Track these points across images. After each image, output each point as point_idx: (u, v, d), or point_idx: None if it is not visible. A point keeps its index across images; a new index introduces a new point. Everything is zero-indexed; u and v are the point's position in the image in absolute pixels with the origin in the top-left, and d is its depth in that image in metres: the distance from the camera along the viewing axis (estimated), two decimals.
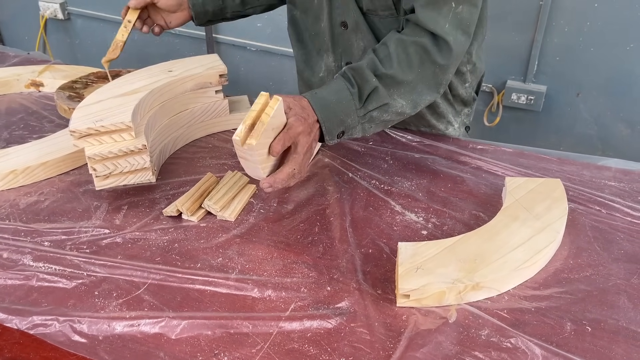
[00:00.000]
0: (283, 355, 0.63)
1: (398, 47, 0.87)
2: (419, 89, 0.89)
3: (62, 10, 2.70)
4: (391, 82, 0.87)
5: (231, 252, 0.79)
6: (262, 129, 0.73)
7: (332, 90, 0.85)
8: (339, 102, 0.84)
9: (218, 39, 2.39)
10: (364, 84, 0.85)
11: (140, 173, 0.88)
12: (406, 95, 0.88)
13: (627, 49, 1.72)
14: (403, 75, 0.87)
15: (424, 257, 0.72)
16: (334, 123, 0.84)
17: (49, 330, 0.66)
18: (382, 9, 0.97)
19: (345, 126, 0.86)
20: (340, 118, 0.84)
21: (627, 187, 0.95)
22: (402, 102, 0.88)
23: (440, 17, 0.86)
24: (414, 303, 0.69)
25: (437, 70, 0.89)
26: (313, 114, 0.82)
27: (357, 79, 0.85)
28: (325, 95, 0.84)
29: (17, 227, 0.83)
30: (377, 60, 0.87)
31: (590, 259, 0.78)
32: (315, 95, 0.84)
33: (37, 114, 1.19)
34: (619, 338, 0.65)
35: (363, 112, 0.86)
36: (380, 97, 0.86)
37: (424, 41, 0.87)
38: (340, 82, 0.86)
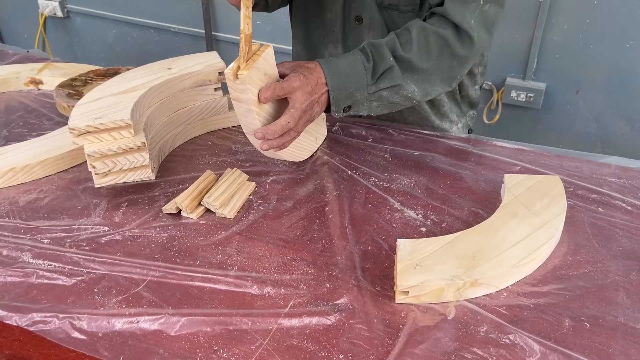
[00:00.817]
0: (282, 352, 0.63)
1: (420, 34, 0.88)
2: (433, 79, 0.90)
3: (62, 8, 2.70)
4: (407, 66, 0.87)
5: (230, 250, 0.79)
6: (254, 63, 0.75)
7: (347, 61, 0.85)
8: (351, 74, 0.84)
9: (217, 37, 2.39)
10: (380, 60, 0.86)
11: (139, 170, 0.88)
12: (419, 83, 0.89)
13: (626, 46, 1.72)
14: (420, 62, 0.87)
15: (422, 254, 0.72)
16: (343, 94, 0.84)
17: (48, 327, 0.66)
18: (405, 4, 0.97)
19: (353, 100, 0.86)
20: (350, 90, 0.85)
21: (626, 183, 0.95)
22: (414, 87, 0.89)
23: (467, 12, 0.88)
24: (413, 300, 0.69)
25: (454, 63, 0.90)
26: (322, 77, 0.83)
27: (374, 54, 0.86)
28: (340, 65, 0.84)
29: (17, 225, 0.83)
30: (398, 42, 0.87)
31: (589, 256, 0.78)
32: (329, 62, 0.84)
33: (36, 112, 1.19)
34: (617, 334, 0.66)
35: (374, 89, 0.87)
36: (394, 77, 0.86)
37: (446, 33, 0.88)
38: (356, 55, 0.86)
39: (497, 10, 0.91)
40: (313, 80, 0.82)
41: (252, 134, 0.83)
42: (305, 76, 0.81)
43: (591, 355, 0.63)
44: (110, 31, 2.67)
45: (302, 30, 1.15)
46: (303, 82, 0.81)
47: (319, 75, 0.83)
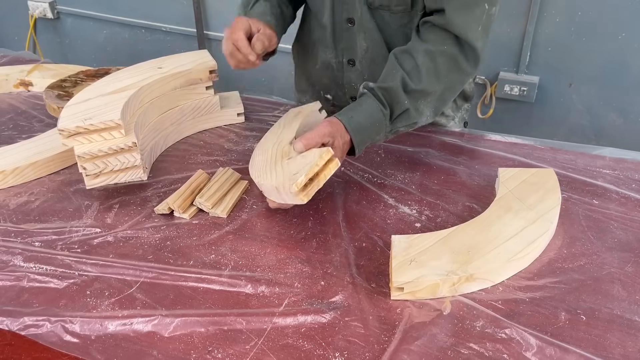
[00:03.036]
0: (277, 351, 0.62)
1: (425, 58, 0.87)
2: (444, 97, 0.91)
3: (52, 10, 2.68)
4: (419, 95, 0.88)
5: (224, 249, 0.78)
6: (316, 188, 0.75)
7: (366, 114, 0.86)
8: (372, 124, 0.86)
9: (209, 36, 2.38)
10: (395, 105, 0.87)
11: (131, 171, 0.87)
12: (432, 104, 0.90)
13: (618, 38, 1.72)
14: (431, 86, 0.88)
15: (417, 250, 0.72)
16: (366, 143, 0.87)
17: (40, 331, 0.65)
18: (396, 4, 0.95)
19: (373, 142, 0.89)
20: (372, 138, 0.87)
21: (621, 175, 0.95)
22: (427, 112, 0.90)
23: (472, 20, 0.86)
24: (408, 296, 0.69)
25: (463, 77, 0.90)
26: (345, 135, 0.84)
27: (388, 99, 0.87)
28: (361, 120, 0.86)
29: (7, 228, 0.82)
30: (406, 77, 0.87)
31: (584, 248, 0.78)
32: (351, 120, 0.85)
33: (26, 114, 1.18)
34: (614, 326, 0.65)
35: (391, 129, 0.89)
36: (410, 117, 0.89)
37: (452, 51, 0.87)
38: (373, 103, 0.87)
39: (497, 12, 0.89)
40: (339, 141, 0.84)
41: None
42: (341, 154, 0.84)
43: (588, 348, 0.62)
44: (101, 32, 2.65)
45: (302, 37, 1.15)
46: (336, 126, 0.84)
47: (342, 134, 0.84)
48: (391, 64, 0.90)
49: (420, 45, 0.89)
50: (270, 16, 1.00)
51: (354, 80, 1.09)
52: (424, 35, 0.90)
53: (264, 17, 0.99)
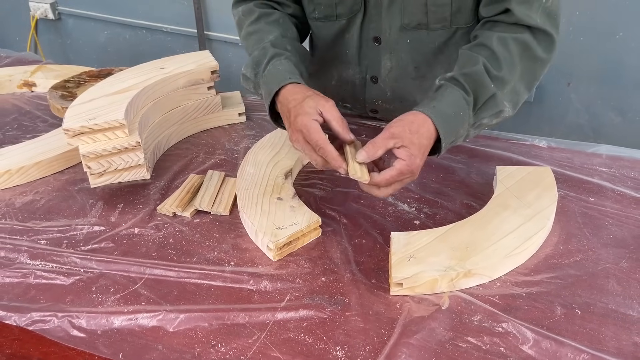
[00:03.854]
0: (279, 345, 0.64)
1: (499, 45, 0.82)
2: (518, 88, 0.84)
3: (53, 10, 2.70)
4: (500, 83, 0.81)
5: (226, 246, 0.80)
6: (289, 251, 0.77)
7: (450, 102, 0.78)
8: (457, 114, 0.78)
9: (210, 36, 2.39)
10: (480, 90, 0.80)
11: (134, 170, 0.89)
12: (509, 96, 0.82)
13: (616, 37, 1.73)
14: (509, 74, 0.82)
15: (416, 246, 0.73)
16: (451, 137, 0.78)
17: (47, 326, 0.66)
18: (435, 21, 0.94)
19: (457, 137, 0.79)
20: (456, 130, 0.78)
21: (617, 172, 0.96)
22: (506, 104, 0.82)
23: (531, 12, 0.84)
24: (407, 291, 0.70)
25: (536, 65, 0.85)
26: (424, 129, 0.76)
27: (471, 85, 0.80)
28: (445, 109, 0.78)
29: (14, 227, 0.84)
30: (487, 62, 0.81)
31: (580, 245, 0.79)
32: (435, 110, 0.77)
33: (30, 114, 1.20)
34: (608, 321, 0.67)
35: (474, 120, 0.81)
36: (497, 103, 0.81)
37: (524, 37, 0.83)
38: (455, 91, 0.79)
39: (557, 3, 0.86)
40: (417, 140, 0.75)
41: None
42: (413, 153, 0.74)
43: (583, 341, 0.64)
44: (102, 32, 2.66)
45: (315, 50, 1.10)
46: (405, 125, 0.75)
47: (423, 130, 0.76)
48: (466, 55, 0.84)
49: (491, 34, 0.85)
50: (299, 75, 0.87)
51: (375, 96, 1.08)
52: (490, 28, 0.87)
53: (295, 76, 0.86)
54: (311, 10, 1.01)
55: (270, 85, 0.85)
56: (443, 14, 0.94)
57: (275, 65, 0.87)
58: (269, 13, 0.98)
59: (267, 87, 0.85)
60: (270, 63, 0.87)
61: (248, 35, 0.97)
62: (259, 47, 0.92)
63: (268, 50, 0.90)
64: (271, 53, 0.89)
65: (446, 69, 1.02)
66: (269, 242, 0.75)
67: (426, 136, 0.75)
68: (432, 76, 1.03)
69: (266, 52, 0.89)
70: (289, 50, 0.91)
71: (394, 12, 0.95)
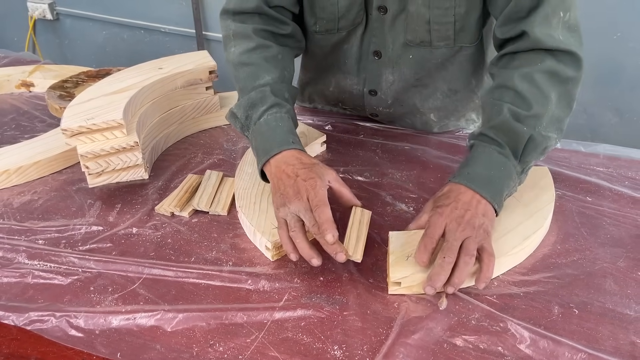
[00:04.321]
0: (277, 345, 0.64)
1: (522, 82, 0.79)
2: (557, 114, 0.80)
3: (51, 11, 2.70)
4: (535, 121, 0.77)
5: (224, 246, 0.80)
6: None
7: (483, 163, 0.75)
8: (497, 171, 0.75)
9: (208, 36, 2.39)
10: (514, 138, 0.76)
11: (132, 170, 0.89)
12: (550, 127, 0.79)
13: (614, 38, 1.74)
14: (542, 108, 0.78)
15: (414, 246, 0.73)
16: (502, 194, 0.75)
17: (45, 326, 0.66)
18: (438, 39, 0.94)
19: (510, 190, 0.77)
20: (505, 185, 0.75)
21: (614, 172, 0.96)
22: (552, 134, 0.80)
23: (551, 29, 0.80)
24: (405, 290, 0.70)
25: (569, 86, 0.81)
26: (469, 192, 0.73)
27: (503, 137, 0.76)
28: (481, 171, 0.74)
29: (12, 227, 0.84)
30: (512, 107, 0.78)
31: (577, 244, 0.79)
32: (469, 176, 0.74)
33: (28, 114, 1.20)
34: (605, 320, 0.67)
35: (521, 168, 0.78)
36: (538, 143, 0.77)
37: (547, 64, 0.80)
38: (487, 149, 0.76)
39: (576, 14, 0.83)
40: (458, 202, 0.72)
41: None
42: (445, 206, 0.72)
43: (580, 341, 0.64)
44: (101, 33, 2.66)
45: (312, 57, 1.09)
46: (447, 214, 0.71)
47: (459, 193, 0.73)
48: (489, 105, 0.81)
49: (510, 73, 0.81)
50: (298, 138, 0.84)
51: (375, 104, 1.07)
52: (508, 65, 0.84)
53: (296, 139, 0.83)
54: (312, 24, 1.00)
55: (268, 143, 0.81)
56: (446, 33, 0.93)
57: (274, 118, 0.83)
58: (267, 46, 0.92)
59: (265, 143, 0.82)
60: (267, 113, 0.84)
61: (241, 65, 0.91)
62: (255, 86, 0.87)
63: (267, 97, 0.85)
64: (270, 102, 0.85)
65: (448, 82, 1.02)
66: (267, 241, 0.75)
67: (466, 199, 0.73)
68: (434, 86, 1.03)
69: (264, 98, 0.85)
70: (286, 100, 0.88)
71: (397, 28, 0.95)
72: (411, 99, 1.05)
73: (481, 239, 0.70)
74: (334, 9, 0.95)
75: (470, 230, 0.70)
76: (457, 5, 0.90)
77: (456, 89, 1.04)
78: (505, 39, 0.86)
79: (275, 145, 0.81)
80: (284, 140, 0.81)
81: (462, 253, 0.68)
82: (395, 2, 0.92)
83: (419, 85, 1.03)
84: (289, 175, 0.76)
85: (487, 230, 0.71)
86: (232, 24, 0.95)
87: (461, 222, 0.70)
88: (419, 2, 0.90)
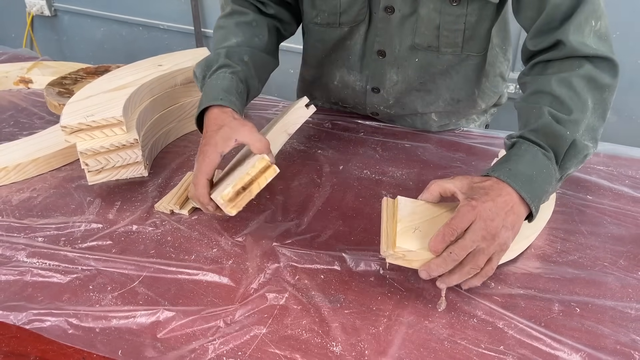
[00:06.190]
0: (278, 342, 0.64)
1: (561, 86, 0.76)
2: (593, 123, 0.76)
3: (49, 7, 2.69)
4: (574, 127, 0.73)
5: (224, 243, 0.80)
6: (248, 199, 0.73)
7: (527, 162, 0.71)
8: (539, 173, 0.70)
9: (206, 33, 2.38)
10: (557, 142, 0.72)
11: (132, 167, 0.88)
12: (587, 135, 0.75)
13: (613, 36, 1.73)
14: (581, 114, 0.74)
15: (422, 218, 0.68)
16: (541, 198, 0.70)
17: (44, 325, 0.66)
18: (446, 46, 0.93)
19: (547, 195, 0.72)
20: (545, 189, 0.71)
21: (614, 171, 0.96)
22: (589, 143, 0.75)
23: (584, 38, 0.78)
24: (404, 263, 0.67)
25: (605, 94, 0.78)
26: (509, 192, 0.68)
27: (545, 139, 0.72)
28: (524, 170, 0.70)
29: (11, 224, 0.83)
30: (552, 110, 0.74)
31: (578, 243, 0.79)
32: (510, 172, 0.69)
33: (26, 111, 1.19)
34: (606, 318, 0.67)
35: (560, 174, 0.74)
36: (579, 149, 0.73)
37: (585, 69, 0.77)
38: (530, 148, 0.72)
39: (606, 23, 0.81)
40: (495, 203, 0.66)
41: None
42: (480, 201, 0.66)
43: (581, 339, 0.64)
44: (99, 29, 2.65)
45: (315, 51, 1.07)
46: (479, 211, 0.65)
47: (500, 192, 0.67)
48: (526, 110, 0.77)
49: (546, 79, 0.78)
50: (235, 96, 0.85)
51: (376, 102, 1.07)
52: (543, 72, 0.81)
53: (228, 97, 0.83)
54: (313, 16, 1.00)
55: (203, 99, 0.84)
56: (455, 40, 0.93)
57: (218, 77, 0.86)
58: (242, 12, 0.95)
59: (201, 100, 0.85)
60: (215, 73, 0.87)
61: (217, 29, 0.96)
62: (219, 48, 0.91)
63: (220, 57, 0.89)
64: (220, 62, 0.88)
65: (452, 91, 1.02)
66: (219, 197, 0.72)
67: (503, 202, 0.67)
68: (437, 93, 1.03)
69: (218, 59, 0.89)
70: (243, 62, 0.89)
71: (405, 30, 0.94)
72: (413, 103, 1.05)
73: (495, 252, 0.66)
74: (335, 3, 0.95)
75: (490, 241, 0.65)
76: (469, 14, 0.89)
77: (459, 99, 1.04)
78: (537, 51, 0.83)
79: (205, 101, 0.83)
80: (214, 97, 0.83)
81: (469, 260, 0.65)
82: (406, 4, 0.91)
83: (422, 90, 1.02)
84: (204, 136, 0.81)
85: (506, 245, 0.67)
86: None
87: (488, 227, 0.65)
88: (430, 7, 0.90)
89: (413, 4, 0.91)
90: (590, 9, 0.78)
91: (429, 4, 0.90)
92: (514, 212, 0.67)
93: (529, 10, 0.83)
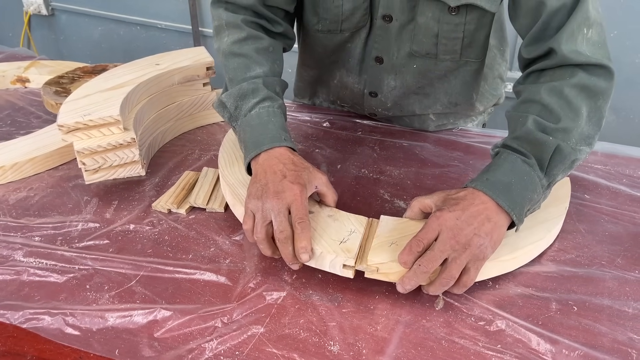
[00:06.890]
0: (276, 341, 0.64)
1: (550, 95, 0.76)
2: (587, 131, 0.76)
3: (46, 6, 2.68)
4: (563, 135, 0.73)
5: (222, 242, 0.79)
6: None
7: (505, 170, 0.70)
8: (519, 180, 0.69)
9: (204, 33, 2.38)
10: (540, 148, 0.72)
11: (129, 166, 0.88)
12: (582, 140, 0.75)
13: (610, 36, 1.74)
14: (573, 122, 0.74)
15: (401, 233, 0.70)
16: (523, 206, 0.69)
17: (41, 324, 0.66)
18: (444, 53, 0.93)
19: (532, 204, 0.71)
20: (528, 197, 0.70)
21: (612, 170, 0.97)
22: (583, 148, 0.76)
23: (577, 46, 0.77)
24: (381, 277, 0.68)
25: (600, 101, 0.77)
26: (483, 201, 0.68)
27: (527, 147, 0.72)
28: (501, 178, 0.69)
29: (7, 223, 0.83)
30: (538, 118, 0.74)
31: (576, 242, 0.80)
32: (487, 182, 0.69)
33: (23, 110, 1.19)
34: (603, 316, 0.67)
35: (547, 181, 0.73)
36: (565, 155, 0.72)
37: (578, 77, 0.76)
38: (511, 156, 0.72)
39: (600, 31, 0.79)
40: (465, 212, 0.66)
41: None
42: (446, 211, 0.66)
43: (578, 338, 0.64)
44: (96, 28, 2.65)
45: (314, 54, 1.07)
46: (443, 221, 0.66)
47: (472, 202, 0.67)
48: (514, 118, 0.77)
49: (537, 87, 0.78)
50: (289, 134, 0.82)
51: (374, 105, 1.07)
52: (535, 81, 0.81)
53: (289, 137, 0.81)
54: (315, 23, 0.99)
55: (260, 137, 0.79)
56: (453, 47, 0.93)
57: (266, 112, 0.81)
58: (258, 37, 0.90)
59: (256, 136, 0.79)
60: (259, 105, 0.82)
61: (232, 55, 0.88)
62: (246, 77, 0.85)
63: (259, 89, 0.83)
64: (263, 94, 0.83)
65: (450, 95, 1.02)
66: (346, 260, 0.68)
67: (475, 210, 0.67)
68: (435, 96, 1.03)
69: (257, 90, 0.83)
70: (277, 94, 0.86)
71: (403, 38, 0.94)
72: (411, 106, 1.05)
73: (471, 260, 0.65)
74: (338, 12, 0.95)
75: (460, 251, 0.64)
76: (468, 22, 0.89)
77: (456, 102, 1.04)
78: (531, 59, 0.83)
79: (267, 140, 0.78)
80: (276, 136, 0.79)
81: (443, 272, 0.65)
82: (404, 13, 0.91)
83: (420, 93, 1.03)
84: (275, 172, 0.74)
85: (483, 254, 0.65)
86: (223, 13, 0.92)
87: (456, 236, 0.64)
88: (428, 15, 0.89)
89: (411, 12, 0.91)
90: (583, 16, 0.78)
91: (427, 12, 0.89)
92: (490, 220, 0.66)
93: (525, 18, 0.83)
